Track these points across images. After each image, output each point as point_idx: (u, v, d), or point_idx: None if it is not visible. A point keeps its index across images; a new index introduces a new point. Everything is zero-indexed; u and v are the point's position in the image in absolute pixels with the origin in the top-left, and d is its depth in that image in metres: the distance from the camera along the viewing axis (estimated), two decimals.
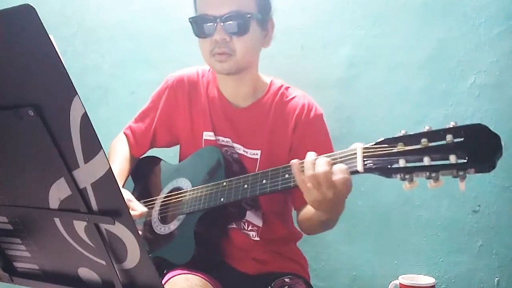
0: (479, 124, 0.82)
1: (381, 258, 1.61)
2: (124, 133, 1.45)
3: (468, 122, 1.47)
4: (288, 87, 1.33)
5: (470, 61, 1.51)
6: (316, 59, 1.65)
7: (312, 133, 1.28)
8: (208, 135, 1.32)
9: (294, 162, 1.01)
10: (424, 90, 1.55)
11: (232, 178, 1.15)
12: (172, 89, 1.38)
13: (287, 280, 1.25)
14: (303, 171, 0.99)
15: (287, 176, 1.05)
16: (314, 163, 0.97)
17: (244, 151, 1.29)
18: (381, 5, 1.58)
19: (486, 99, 1.50)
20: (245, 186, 1.12)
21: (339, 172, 0.95)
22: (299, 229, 1.34)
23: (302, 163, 1.00)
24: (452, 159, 0.82)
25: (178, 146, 1.43)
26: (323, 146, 1.24)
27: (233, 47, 1.20)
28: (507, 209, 1.50)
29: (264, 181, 1.09)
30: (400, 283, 1.24)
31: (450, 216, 1.54)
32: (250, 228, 1.28)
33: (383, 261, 1.61)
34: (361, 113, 1.62)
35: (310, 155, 0.99)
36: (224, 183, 1.16)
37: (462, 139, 0.82)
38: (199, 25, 1.22)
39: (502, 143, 0.81)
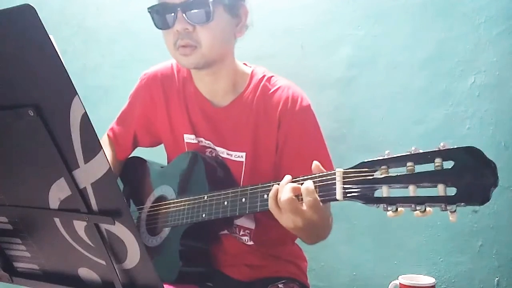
0: (472, 148, 0.71)
1: (381, 258, 1.61)
2: (107, 135, 1.38)
3: (468, 122, 1.51)
4: (271, 77, 1.21)
5: (470, 61, 1.51)
6: (316, 59, 1.65)
7: (298, 127, 1.16)
8: (189, 138, 1.23)
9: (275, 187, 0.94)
10: (424, 90, 1.55)
11: (213, 193, 1.08)
12: (147, 88, 1.29)
13: (281, 285, 1.18)
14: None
15: (265, 197, 0.97)
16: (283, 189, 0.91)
17: (228, 154, 1.19)
18: (381, 5, 1.58)
19: (486, 99, 1.50)
20: (225, 203, 1.05)
21: (306, 194, 0.88)
22: None
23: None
24: (441, 189, 0.73)
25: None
26: (311, 141, 1.18)
27: (197, 38, 1.09)
28: (507, 209, 1.50)
29: (243, 200, 1.02)
30: (400, 283, 1.23)
31: None
32: (242, 232, 1.21)
33: (383, 261, 1.61)
34: (361, 113, 1.62)
35: (285, 179, 0.93)
36: (205, 197, 1.09)
37: (452, 164, 0.72)
38: (161, 15, 1.11)
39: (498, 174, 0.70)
